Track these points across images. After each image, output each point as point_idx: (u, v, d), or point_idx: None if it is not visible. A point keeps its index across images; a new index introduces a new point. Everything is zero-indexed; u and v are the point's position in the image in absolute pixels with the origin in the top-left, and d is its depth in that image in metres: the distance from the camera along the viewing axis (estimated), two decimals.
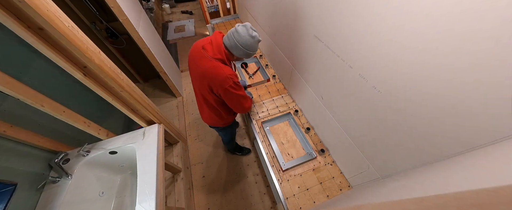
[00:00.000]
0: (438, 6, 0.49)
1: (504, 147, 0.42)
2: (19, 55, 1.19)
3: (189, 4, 5.53)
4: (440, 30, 0.50)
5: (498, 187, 0.27)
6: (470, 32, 0.45)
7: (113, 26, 2.21)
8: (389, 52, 0.66)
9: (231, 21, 2.83)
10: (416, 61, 0.59)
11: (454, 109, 0.53)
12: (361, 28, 0.75)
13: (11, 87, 0.97)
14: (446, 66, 0.51)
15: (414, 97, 0.63)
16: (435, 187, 0.42)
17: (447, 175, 0.48)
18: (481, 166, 0.42)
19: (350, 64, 0.87)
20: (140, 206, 1.15)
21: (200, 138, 2.46)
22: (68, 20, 1.02)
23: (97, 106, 1.79)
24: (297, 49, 1.32)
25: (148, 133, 1.50)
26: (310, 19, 1.07)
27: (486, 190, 0.28)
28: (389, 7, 0.62)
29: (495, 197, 0.27)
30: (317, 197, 1.18)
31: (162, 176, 1.34)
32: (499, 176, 0.30)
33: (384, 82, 0.72)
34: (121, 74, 1.33)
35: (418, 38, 0.56)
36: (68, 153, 1.37)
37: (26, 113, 1.21)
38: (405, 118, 0.69)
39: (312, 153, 1.34)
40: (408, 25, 0.58)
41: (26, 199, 1.11)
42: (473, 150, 0.52)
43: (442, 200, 0.33)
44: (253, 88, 1.82)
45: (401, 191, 0.56)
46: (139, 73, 2.99)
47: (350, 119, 1.02)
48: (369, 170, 0.99)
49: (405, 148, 0.74)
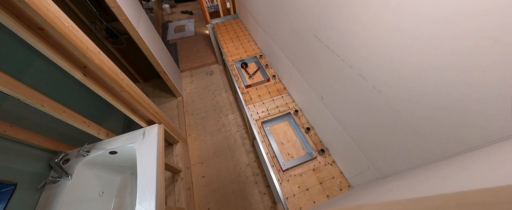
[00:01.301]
0: (437, 7, 0.49)
1: (504, 147, 0.42)
2: (19, 55, 1.19)
3: (189, 4, 5.53)
4: (440, 31, 0.50)
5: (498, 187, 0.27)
6: (470, 32, 0.45)
7: (113, 26, 2.21)
8: (388, 52, 0.66)
9: (231, 21, 2.83)
10: (416, 61, 0.59)
11: (453, 109, 0.53)
12: (361, 28, 0.75)
13: (11, 87, 0.97)
14: (446, 66, 0.51)
15: (414, 97, 0.63)
16: (435, 187, 0.42)
17: (447, 175, 0.48)
18: (481, 166, 0.42)
19: (350, 64, 0.87)
20: (140, 206, 1.15)
21: (200, 138, 2.46)
22: (68, 20, 1.02)
23: (97, 106, 1.79)
24: (297, 49, 1.32)
25: (148, 133, 1.50)
26: (310, 19, 1.07)
27: (486, 190, 0.28)
28: (388, 8, 0.62)
29: (495, 197, 0.27)
30: (317, 197, 1.18)
31: (162, 176, 1.34)
32: (499, 176, 0.30)
33: (384, 82, 0.72)
34: (121, 74, 1.33)
35: (418, 38, 0.56)
36: (68, 153, 1.37)
37: (26, 113, 1.21)
38: (405, 118, 0.69)
39: (312, 153, 1.34)
40: (407, 25, 0.58)
41: (26, 199, 1.11)
42: (473, 150, 0.52)
43: (442, 200, 0.33)
44: (253, 88, 1.82)
45: (401, 191, 0.56)
46: (139, 73, 2.99)
47: (350, 119, 1.01)
48: (369, 170, 0.99)
49: (405, 148, 0.74)
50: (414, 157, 0.71)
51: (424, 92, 0.59)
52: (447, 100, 0.54)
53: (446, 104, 0.55)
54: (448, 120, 0.55)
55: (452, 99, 0.53)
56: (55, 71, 1.38)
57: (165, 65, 2.47)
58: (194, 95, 3.01)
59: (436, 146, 0.62)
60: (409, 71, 0.62)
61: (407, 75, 0.63)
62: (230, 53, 2.26)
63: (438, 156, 0.62)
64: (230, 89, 3.03)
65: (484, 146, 0.49)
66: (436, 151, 0.63)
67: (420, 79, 0.59)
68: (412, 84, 0.62)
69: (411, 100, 0.64)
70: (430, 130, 0.62)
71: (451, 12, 0.47)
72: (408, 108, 0.66)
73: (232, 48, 2.33)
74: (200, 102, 2.90)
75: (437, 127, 0.59)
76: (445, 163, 0.58)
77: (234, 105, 2.80)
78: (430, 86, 0.57)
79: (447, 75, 0.52)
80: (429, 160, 0.66)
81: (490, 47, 0.42)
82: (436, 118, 0.58)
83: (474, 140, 0.51)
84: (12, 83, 0.99)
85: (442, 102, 0.55)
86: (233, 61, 2.13)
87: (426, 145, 0.65)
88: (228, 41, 2.45)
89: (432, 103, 0.58)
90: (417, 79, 0.60)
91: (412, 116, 0.66)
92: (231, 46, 2.37)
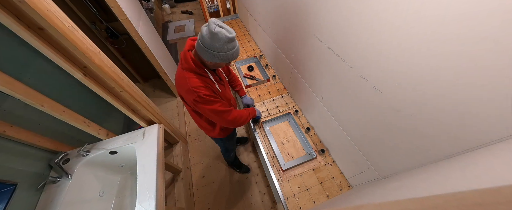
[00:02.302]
0: (437, 7, 0.49)
1: (504, 147, 0.42)
2: (19, 55, 1.19)
3: (189, 4, 5.53)
4: (440, 31, 0.50)
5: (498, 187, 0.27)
6: (470, 32, 0.45)
7: (113, 26, 2.21)
8: (389, 52, 0.66)
9: (231, 21, 2.83)
10: (416, 62, 0.59)
11: (454, 109, 0.53)
12: (361, 28, 0.75)
13: (11, 87, 0.97)
14: (446, 67, 0.51)
15: (414, 98, 0.63)
16: (435, 187, 0.42)
17: (447, 175, 0.48)
18: (481, 166, 0.42)
19: (350, 64, 0.87)
20: (140, 206, 1.15)
21: (200, 138, 2.46)
22: (68, 20, 1.02)
23: (97, 106, 1.79)
24: (297, 49, 1.32)
25: (148, 133, 1.50)
26: (310, 19, 1.07)
27: (486, 190, 0.28)
28: (388, 8, 0.62)
29: (495, 197, 0.27)
30: (317, 197, 1.18)
31: (162, 176, 1.34)
32: (499, 176, 0.30)
33: (384, 82, 0.72)
34: (121, 74, 1.33)
35: (418, 39, 0.56)
36: (68, 153, 1.37)
37: (26, 113, 1.21)
38: (405, 118, 0.69)
39: (312, 153, 1.34)
40: (407, 25, 0.58)
41: (26, 199, 1.11)
42: (473, 150, 0.52)
43: (442, 200, 0.33)
44: (253, 88, 1.82)
45: (401, 191, 0.56)
46: (139, 73, 2.99)
47: (350, 119, 1.01)
48: (369, 170, 0.99)
49: (405, 148, 0.74)
50: (414, 157, 0.72)
51: (424, 92, 0.59)
52: (448, 100, 0.54)
53: (446, 104, 0.55)
54: (449, 120, 0.55)
55: (453, 99, 0.53)
56: (55, 71, 1.38)
57: (165, 65, 2.47)
58: None
59: (436, 146, 0.62)
60: (410, 71, 0.62)
61: (407, 76, 0.63)
62: None
63: (438, 156, 0.62)
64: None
65: (484, 146, 0.49)
66: (436, 151, 0.63)
67: (421, 79, 0.59)
68: (413, 84, 0.62)
69: (412, 100, 0.64)
70: (430, 130, 0.62)
71: (451, 12, 0.47)
72: (408, 108, 0.66)
73: None
74: None
75: (437, 127, 0.59)
76: (445, 163, 0.58)
77: None
78: (431, 86, 0.57)
79: (448, 75, 0.52)
80: (429, 160, 0.66)
81: (490, 47, 0.42)
82: (436, 118, 0.58)
83: (474, 140, 0.51)
84: (12, 83, 0.99)
85: (442, 102, 0.55)
86: (233, 61, 2.13)
87: (426, 145, 0.65)
88: None
89: (433, 103, 0.58)
90: (418, 79, 0.60)
91: (412, 116, 0.66)
92: None
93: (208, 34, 0.86)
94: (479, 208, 0.27)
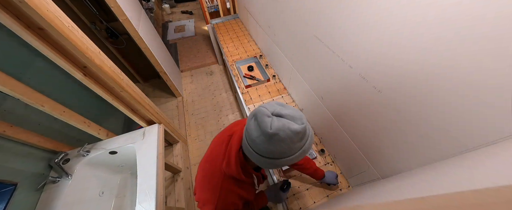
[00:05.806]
0: (437, 7, 0.49)
1: (504, 147, 0.42)
2: (19, 55, 1.19)
3: (189, 4, 5.53)
4: (440, 30, 0.50)
5: (498, 187, 0.27)
6: (470, 32, 0.45)
7: (113, 26, 2.21)
8: (389, 52, 0.66)
9: (231, 21, 2.83)
10: (416, 62, 0.59)
11: (454, 109, 0.53)
12: (361, 28, 0.75)
13: (11, 87, 0.97)
14: (446, 67, 0.51)
15: (414, 98, 0.63)
16: (435, 187, 0.42)
17: (447, 175, 0.48)
18: (481, 166, 0.42)
19: (350, 64, 0.87)
20: (140, 206, 1.15)
21: (200, 138, 2.46)
22: (68, 20, 1.02)
23: (97, 106, 1.79)
24: (297, 49, 1.32)
25: (148, 133, 1.50)
26: (310, 19, 1.07)
27: (486, 190, 0.28)
28: (388, 7, 0.62)
29: (495, 197, 0.27)
30: (317, 197, 1.18)
31: (162, 176, 1.34)
32: (499, 176, 0.30)
33: (384, 82, 0.72)
34: (121, 74, 1.33)
35: (418, 38, 0.56)
36: (68, 153, 1.37)
37: (26, 113, 1.21)
38: (405, 118, 0.69)
39: (312, 153, 1.34)
40: (407, 25, 0.58)
41: (26, 199, 1.11)
42: (473, 150, 0.52)
43: (442, 200, 0.33)
44: (253, 88, 1.82)
45: (401, 191, 0.56)
46: (139, 73, 2.99)
47: (350, 119, 1.01)
48: (369, 170, 0.99)
49: (405, 148, 0.74)
50: (415, 157, 0.71)
51: (424, 93, 0.59)
52: (448, 100, 0.54)
53: (446, 104, 0.55)
54: (449, 120, 0.55)
55: (453, 99, 0.53)
56: (55, 71, 1.38)
57: (165, 65, 2.47)
58: (194, 95, 3.01)
59: (436, 146, 0.62)
60: (410, 71, 0.62)
61: (407, 76, 0.63)
62: (230, 53, 2.26)
63: (438, 156, 0.62)
64: (230, 89, 3.03)
65: (484, 146, 0.49)
66: (436, 151, 0.63)
67: (421, 79, 0.59)
68: (413, 84, 0.62)
69: (411, 101, 0.64)
70: (430, 130, 0.62)
71: (451, 12, 0.47)
72: (408, 108, 0.66)
73: (232, 48, 2.33)
74: (200, 102, 2.90)
75: (437, 127, 0.59)
76: (445, 163, 0.58)
77: (234, 105, 2.80)
78: (431, 86, 0.57)
79: (448, 75, 0.52)
80: (429, 160, 0.66)
81: (490, 47, 0.42)
82: (436, 118, 0.58)
83: (474, 140, 0.51)
84: (12, 83, 0.99)
85: (442, 102, 0.55)
86: (233, 61, 2.13)
87: (426, 145, 0.65)
88: (228, 41, 2.45)
89: (433, 103, 0.58)
90: (418, 79, 0.60)
91: (412, 117, 0.66)
92: (231, 46, 2.36)
93: (261, 137, 0.53)
94: (479, 208, 0.27)
